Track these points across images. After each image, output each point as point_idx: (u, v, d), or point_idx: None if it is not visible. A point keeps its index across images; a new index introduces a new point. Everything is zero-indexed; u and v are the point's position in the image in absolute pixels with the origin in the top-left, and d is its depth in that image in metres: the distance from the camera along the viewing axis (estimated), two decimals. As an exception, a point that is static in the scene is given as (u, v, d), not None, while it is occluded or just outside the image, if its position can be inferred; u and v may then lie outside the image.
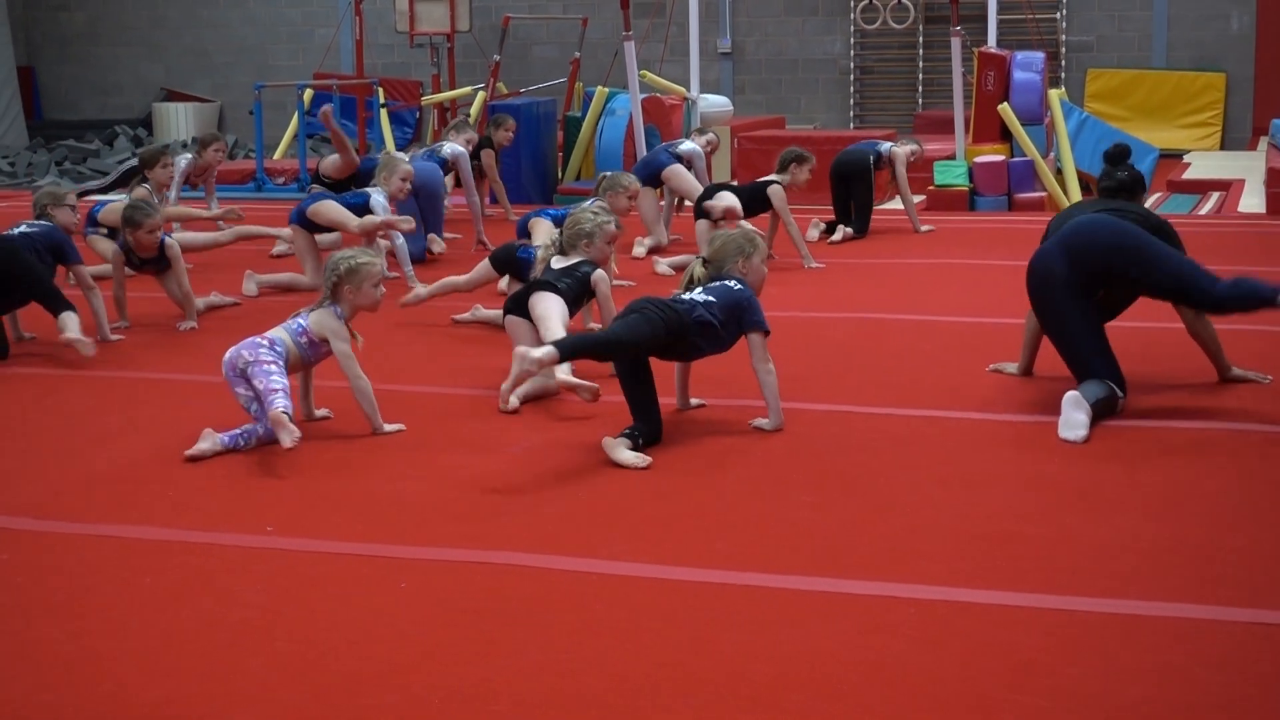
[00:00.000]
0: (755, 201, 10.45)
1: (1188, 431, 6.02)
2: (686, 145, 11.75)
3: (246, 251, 10.96)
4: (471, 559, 4.72)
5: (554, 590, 4.45)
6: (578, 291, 6.86)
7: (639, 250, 11.02)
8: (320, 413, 6.48)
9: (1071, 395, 6.02)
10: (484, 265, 8.22)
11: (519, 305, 6.79)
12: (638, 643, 4.04)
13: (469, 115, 12.48)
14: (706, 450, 5.89)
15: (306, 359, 6.21)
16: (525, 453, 5.94)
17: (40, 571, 4.70)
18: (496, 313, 8.28)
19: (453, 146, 11.65)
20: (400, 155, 10.41)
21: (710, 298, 6.06)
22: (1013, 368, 7.07)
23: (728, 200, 10.11)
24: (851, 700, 3.68)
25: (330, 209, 9.51)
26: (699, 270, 6.28)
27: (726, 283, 6.16)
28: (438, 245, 10.80)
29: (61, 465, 5.89)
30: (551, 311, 6.64)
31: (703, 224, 10.13)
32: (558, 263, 6.99)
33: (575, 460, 5.81)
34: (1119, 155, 7.05)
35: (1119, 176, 6.92)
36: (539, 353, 5.58)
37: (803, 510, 5.17)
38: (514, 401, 6.33)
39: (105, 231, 10.14)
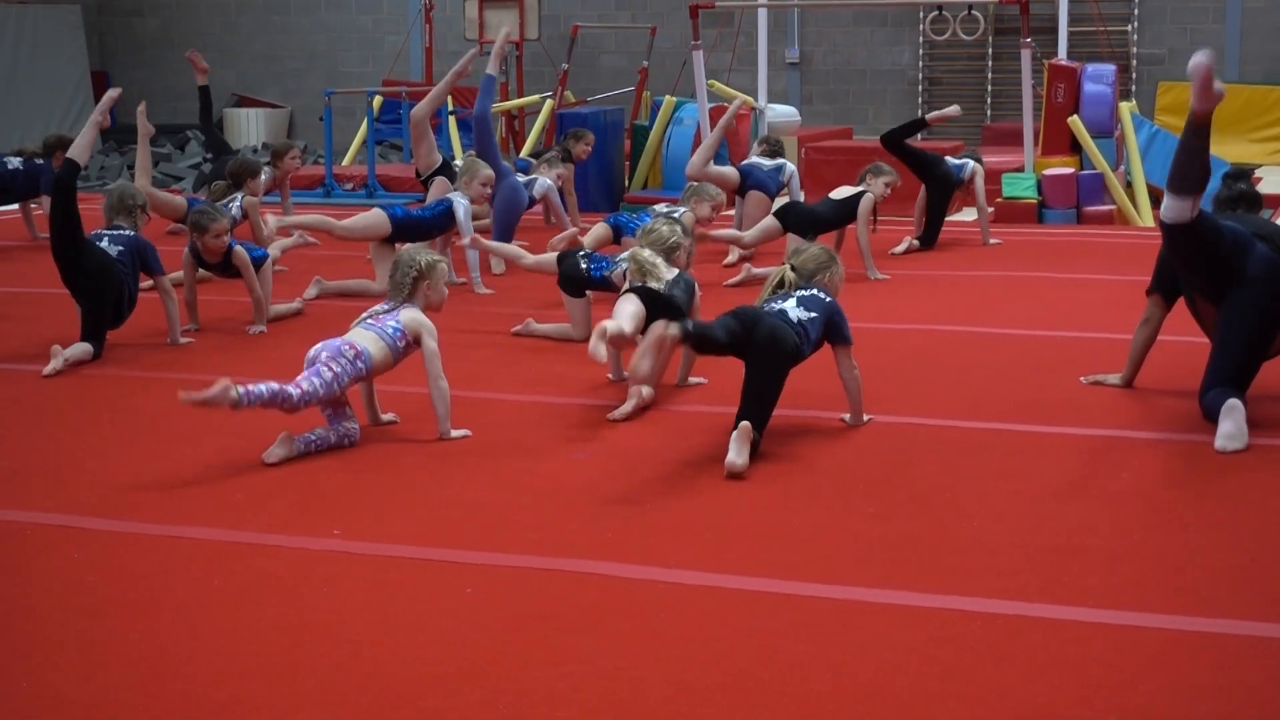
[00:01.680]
0: (847, 214, 10.46)
1: (1262, 448, 5.96)
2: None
3: (314, 257, 11.02)
4: (537, 565, 4.74)
5: (619, 598, 4.46)
6: (688, 303, 6.98)
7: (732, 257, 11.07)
8: (387, 417, 6.52)
9: (1237, 404, 6.00)
10: (550, 257, 8.25)
11: (645, 299, 6.84)
12: (703, 651, 4.05)
13: (566, 149, 12.42)
14: (773, 460, 5.89)
15: (397, 359, 6.28)
16: (590, 460, 5.96)
17: (112, 571, 4.75)
18: (550, 327, 8.35)
19: (544, 181, 11.50)
20: (480, 161, 10.43)
21: (812, 313, 6.16)
22: (1115, 379, 7.03)
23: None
24: (915, 713, 3.68)
25: None
26: (790, 275, 6.38)
27: (818, 294, 6.27)
28: (497, 260, 10.67)
29: (134, 466, 5.95)
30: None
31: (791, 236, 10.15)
32: (666, 272, 7.00)
33: (641, 469, 5.82)
34: (1240, 173, 7.15)
35: (1239, 188, 6.94)
36: (674, 329, 5.70)
37: (869, 521, 5.16)
38: (646, 365, 5.80)
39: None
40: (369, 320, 6.29)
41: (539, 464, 5.90)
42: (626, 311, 6.72)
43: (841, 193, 10.60)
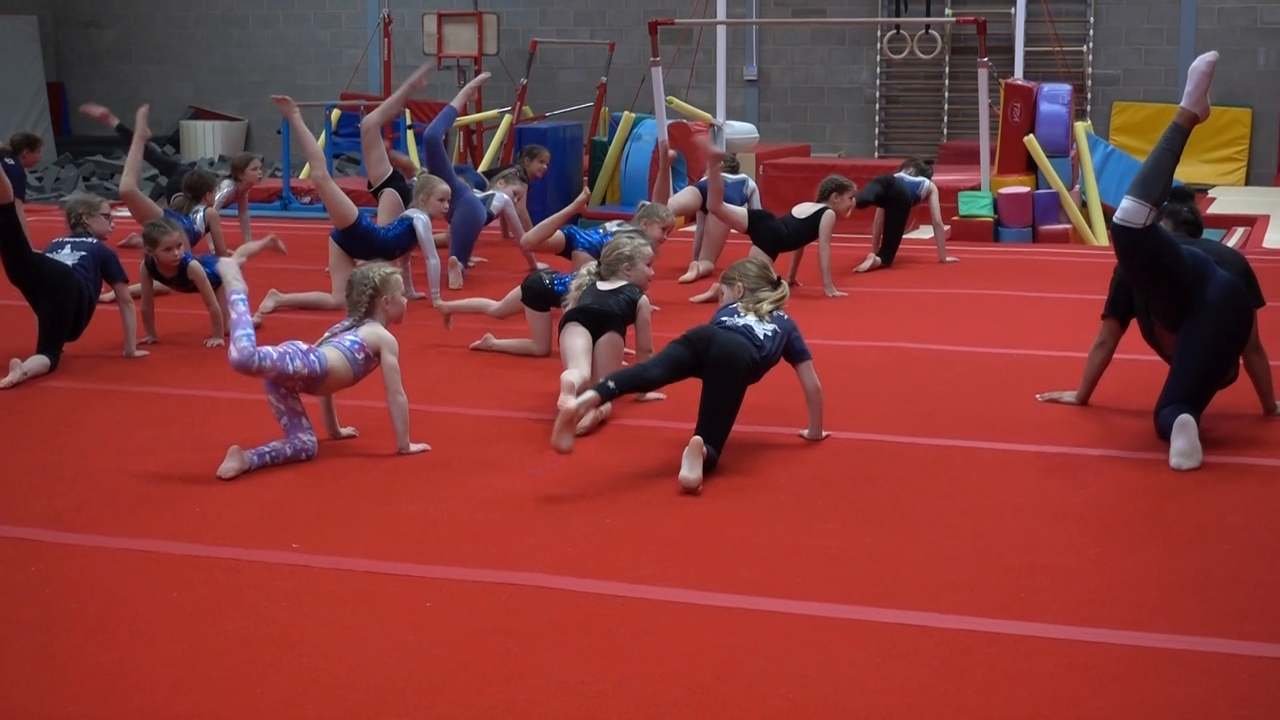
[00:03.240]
0: (809, 233, 10.49)
1: (1217, 466, 6.01)
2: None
3: (269, 270, 10.99)
4: (497, 580, 4.74)
5: (579, 613, 4.47)
6: (628, 312, 6.96)
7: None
8: (345, 431, 6.52)
9: (1189, 420, 6.05)
10: (515, 294, 8.27)
11: (586, 321, 6.88)
12: (663, 666, 4.06)
13: (523, 168, 12.43)
14: (732, 476, 5.91)
15: (357, 375, 6.27)
16: (550, 475, 5.96)
17: (69, 585, 4.73)
18: (509, 342, 8.36)
19: (501, 196, 11.50)
20: (436, 177, 10.41)
21: (773, 327, 6.22)
22: (1070, 396, 7.08)
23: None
24: (876, 727, 3.69)
25: None
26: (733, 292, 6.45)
27: (779, 312, 6.34)
28: (455, 275, 10.67)
29: (90, 479, 5.92)
30: (599, 351, 6.85)
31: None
32: (604, 285, 7.04)
33: (601, 483, 5.83)
34: (1184, 194, 7.18)
35: (1183, 212, 6.97)
36: (580, 400, 5.76)
37: (828, 537, 5.18)
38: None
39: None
40: (330, 339, 6.29)
41: (498, 478, 5.90)
42: (575, 350, 6.74)
43: (804, 210, 10.61)
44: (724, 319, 6.25)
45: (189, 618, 4.43)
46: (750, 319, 6.22)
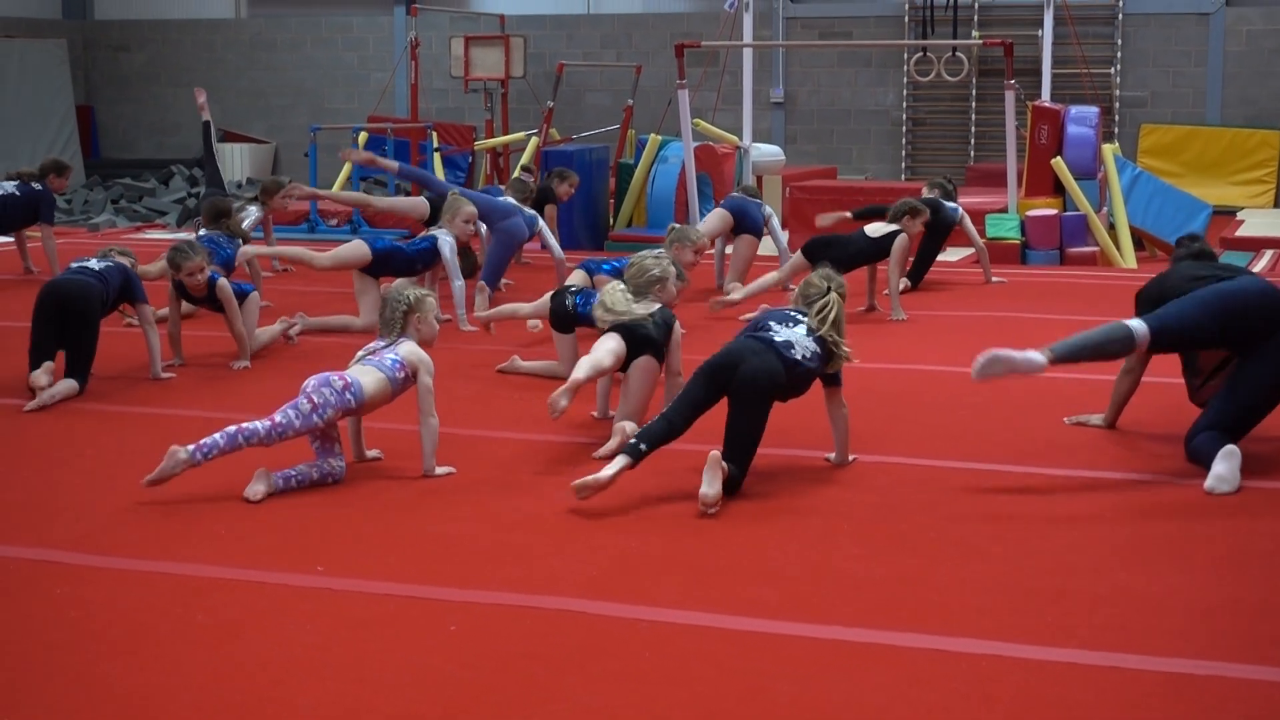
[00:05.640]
0: (879, 253, 10.47)
1: (1245, 490, 5.97)
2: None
3: (298, 294, 11.03)
4: (521, 603, 4.73)
5: (603, 636, 4.46)
6: (665, 335, 6.93)
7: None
8: (371, 454, 6.52)
9: (1235, 450, 6.02)
10: (545, 300, 8.27)
11: (626, 338, 6.85)
12: (687, 691, 4.04)
13: (549, 188, 12.50)
14: (758, 499, 5.89)
15: (396, 393, 6.28)
16: (575, 498, 5.95)
17: (95, 607, 4.73)
18: (535, 364, 8.36)
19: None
20: (464, 197, 10.43)
21: (817, 348, 6.18)
22: (1098, 420, 7.06)
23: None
24: (902, 754, 3.67)
25: None
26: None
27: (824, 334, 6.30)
28: (482, 299, 10.68)
29: (115, 501, 5.93)
30: (632, 374, 6.84)
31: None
32: (640, 308, 6.96)
33: (625, 506, 5.81)
34: (1192, 237, 7.25)
35: (1196, 247, 7.00)
36: (612, 471, 5.81)
37: (853, 561, 5.16)
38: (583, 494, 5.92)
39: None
40: (368, 357, 6.30)
41: (523, 501, 5.89)
42: (603, 349, 6.74)
43: (876, 230, 10.55)
44: (769, 322, 6.22)
45: (214, 640, 4.43)
46: (798, 332, 6.19)
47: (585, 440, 6.82)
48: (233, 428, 5.93)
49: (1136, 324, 6.20)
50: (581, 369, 6.58)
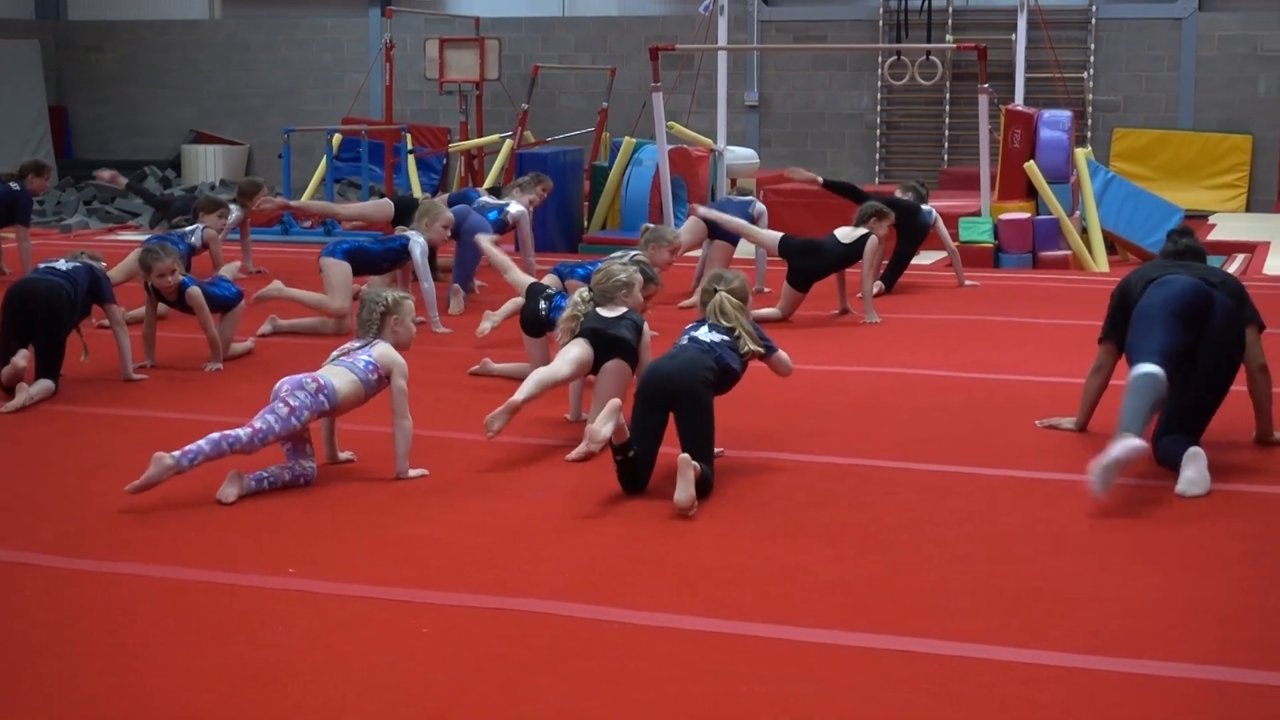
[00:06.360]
0: (852, 257, 10.47)
1: (1217, 494, 6.00)
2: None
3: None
4: (493, 605, 4.73)
5: (575, 638, 4.46)
6: (636, 338, 6.95)
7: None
8: (344, 455, 6.51)
9: (1199, 451, 6.08)
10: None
11: (595, 343, 6.89)
12: (658, 693, 4.05)
13: (539, 176, 12.48)
14: (730, 501, 5.90)
15: (369, 395, 6.28)
16: (547, 500, 5.95)
17: (68, 610, 4.72)
18: (507, 366, 8.36)
19: (519, 207, 11.57)
20: (439, 202, 10.50)
21: (721, 336, 6.28)
22: (1069, 423, 7.08)
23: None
24: (873, 755, 3.68)
25: None
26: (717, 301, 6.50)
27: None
28: (456, 301, 10.69)
29: (88, 503, 5.91)
30: (603, 376, 6.87)
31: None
32: (606, 312, 6.98)
33: (598, 508, 5.82)
34: (1184, 230, 7.20)
35: (1184, 243, 6.99)
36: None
37: (825, 563, 5.17)
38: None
39: None
40: (341, 358, 6.29)
41: (496, 504, 5.89)
42: (563, 360, 6.79)
43: (846, 234, 10.55)
44: (686, 333, 6.34)
45: (187, 643, 4.42)
46: (703, 329, 6.29)
47: (558, 442, 6.82)
48: (216, 434, 5.92)
49: (1155, 369, 6.22)
50: (524, 390, 6.52)
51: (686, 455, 5.74)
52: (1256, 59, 19.54)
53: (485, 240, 9.15)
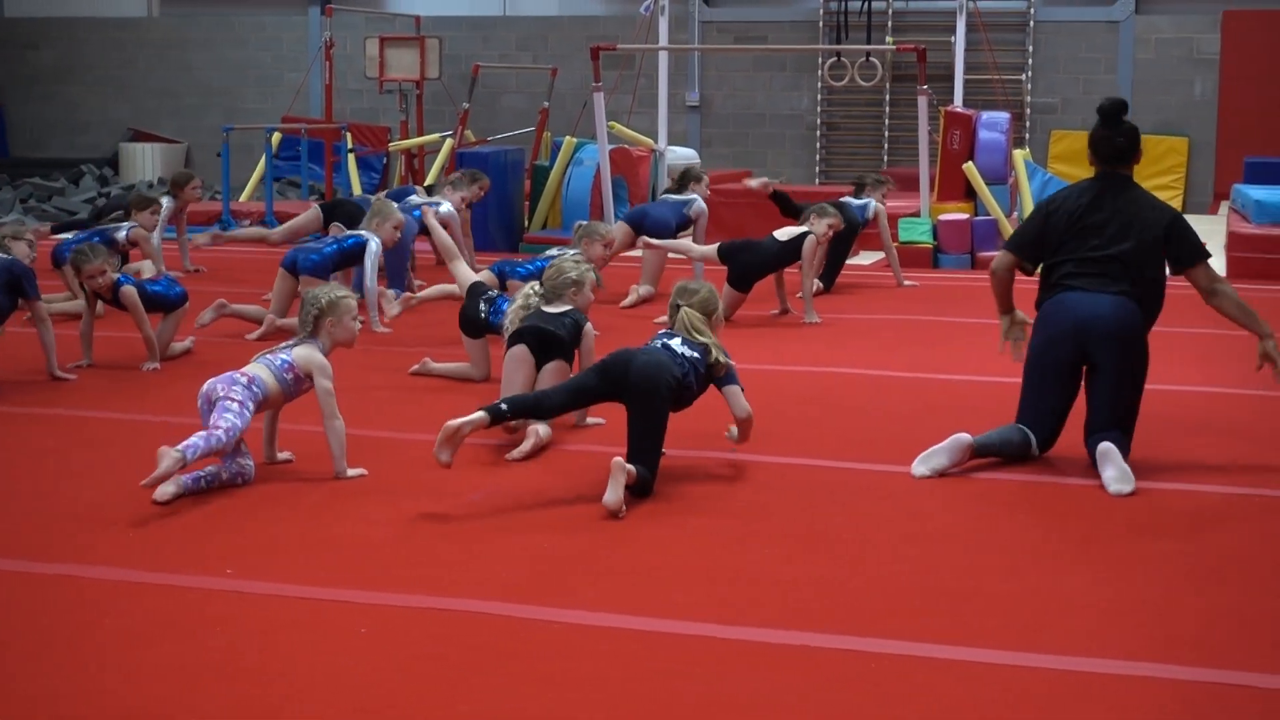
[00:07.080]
0: (790, 256, 10.47)
1: (1150, 492, 6.04)
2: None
3: (213, 295, 10.91)
4: (432, 605, 4.70)
5: (514, 639, 4.44)
6: (575, 338, 6.99)
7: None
8: (282, 455, 6.47)
9: (1111, 447, 6.12)
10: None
11: (533, 345, 6.94)
12: (598, 693, 4.03)
13: (475, 173, 12.38)
14: (671, 501, 5.89)
15: (289, 394, 6.22)
16: (487, 499, 5.94)
17: (0, 611, 4.67)
18: (448, 366, 8.33)
19: (449, 208, 11.49)
20: (392, 203, 10.46)
21: (695, 352, 6.18)
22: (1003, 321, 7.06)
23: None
24: (812, 754, 3.68)
25: None
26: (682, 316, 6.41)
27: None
28: (390, 305, 10.63)
29: (20, 504, 5.85)
30: (544, 377, 6.94)
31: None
32: (551, 309, 7.03)
33: (538, 508, 5.80)
34: (1115, 111, 6.70)
35: (1118, 143, 6.68)
36: (468, 420, 5.83)
37: (767, 563, 5.17)
38: (445, 458, 5.89)
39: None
40: (265, 354, 6.26)
41: (435, 503, 5.86)
42: (514, 384, 6.87)
43: (785, 233, 10.57)
44: (659, 339, 6.26)
45: (123, 645, 4.38)
46: (676, 340, 6.22)
47: (498, 442, 6.80)
48: (204, 432, 5.87)
49: (1027, 434, 6.46)
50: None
51: (620, 459, 5.73)
52: (1193, 62, 19.74)
53: (432, 217, 9.14)
